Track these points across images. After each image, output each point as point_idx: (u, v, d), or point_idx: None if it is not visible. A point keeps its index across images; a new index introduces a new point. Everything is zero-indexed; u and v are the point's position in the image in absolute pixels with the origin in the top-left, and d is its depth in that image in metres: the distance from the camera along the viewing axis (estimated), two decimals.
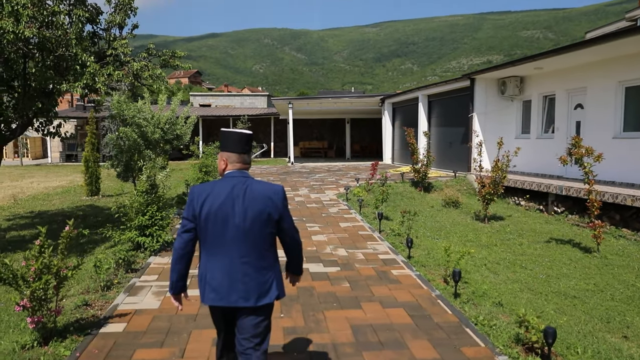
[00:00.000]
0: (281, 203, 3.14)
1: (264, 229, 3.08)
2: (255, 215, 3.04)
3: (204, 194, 3.08)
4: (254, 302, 3.06)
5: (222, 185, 3.10)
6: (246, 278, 3.05)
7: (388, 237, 9.12)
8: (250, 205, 3.05)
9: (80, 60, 8.42)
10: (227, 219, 3.02)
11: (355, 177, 17.75)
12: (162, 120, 12.31)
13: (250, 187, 3.10)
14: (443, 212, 12.36)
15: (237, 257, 3.04)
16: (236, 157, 3.18)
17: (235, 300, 3.04)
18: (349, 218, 10.84)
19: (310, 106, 25.88)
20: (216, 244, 3.06)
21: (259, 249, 3.08)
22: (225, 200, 3.04)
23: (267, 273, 3.12)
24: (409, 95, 21.85)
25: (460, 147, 17.35)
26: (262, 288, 3.09)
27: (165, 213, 8.20)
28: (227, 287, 3.04)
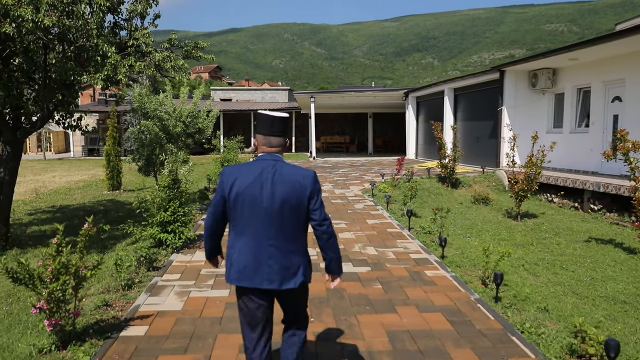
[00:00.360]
0: (311, 187, 3.09)
1: (292, 213, 3.05)
2: (283, 199, 3.02)
3: (233, 175, 3.09)
4: (277, 285, 3.05)
5: (252, 168, 3.10)
6: (271, 261, 3.04)
7: (418, 235, 8.74)
8: (278, 189, 3.02)
9: (101, 51, 8.15)
10: (255, 201, 3.02)
11: (380, 173, 17.37)
12: (184, 113, 12.06)
13: (279, 170, 3.07)
14: (473, 209, 11.93)
15: (264, 239, 3.03)
16: (262, 139, 3.17)
17: (259, 282, 3.04)
18: (376, 215, 10.47)
19: (333, 100, 25.50)
20: (244, 226, 3.06)
21: (286, 233, 3.06)
22: (254, 182, 3.04)
23: (294, 257, 3.09)
24: (434, 89, 21.36)
25: (488, 142, 16.85)
26: (287, 272, 3.07)
27: (188, 209, 7.93)
28: (253, 268, 3.04)
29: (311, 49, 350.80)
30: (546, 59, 13.41)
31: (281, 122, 3.19)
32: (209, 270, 6.60)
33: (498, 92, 15.51)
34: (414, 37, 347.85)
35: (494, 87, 16.09)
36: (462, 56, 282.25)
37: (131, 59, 8.54)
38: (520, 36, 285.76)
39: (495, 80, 15.79)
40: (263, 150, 3.17)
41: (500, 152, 15.53)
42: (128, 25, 9.12)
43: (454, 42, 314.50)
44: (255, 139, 3.26)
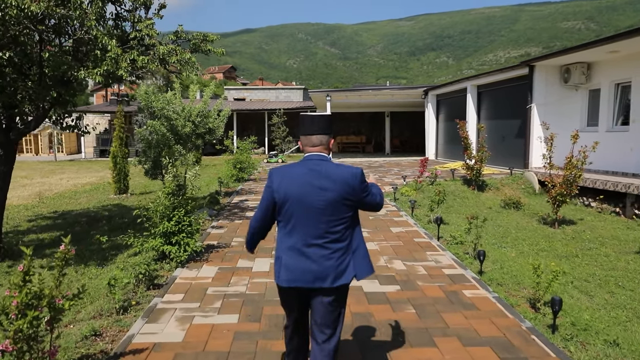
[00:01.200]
0: (359, 187, 3.10)
1: (340, 212, 3.06)
2: (331, 198, 3.03)
3: (280, 176, 3.14)
4: (330, 282, 3.04)
5: (299, 168, 3.13)
6: (322, 259, 3.04)
7: (449, 246, 7.89)
8: (327, 189, 3.03)
9: (100, 44, 7.42)
10: (303, 201, 3.04)
11: (400, 174, 16.50)
12: (193, 112, 11.30)
13: (326, 169, 3.08)
14: (504, 215, 11.04)
15: (312, 238, 3.05)
16: (305, 140, 3.21)
17: (311, 281, 3.04)
18: (400, 222, 9.63)
19: (349, 99, 24.67)
20: (292, 226, 3.08)
21: (335, 232, 3.06)
22: (301, 182, 3.06)
23: (343, 255, 3.09)
24: (455, 86, 20.43)
25: (515, 142, 15.92)
26: (338, 269, 3.06)
27: (195, 217, 7.15)
28: (303, 268, 3.04)
29: (325, 49, 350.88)
30: (581, 53, 12.47)
31: (321, 120, 3.21)
32: (216, 290, 5.82)
33: (527, 89, 14.57)
34: (428, 36, 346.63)
35: (522, 83, 15.15)
36: (477, 55, 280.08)
37: (133, 52, 7.82)
38: (536, 34, 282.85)
39: (524, 76, 14.86)
40: (307, 150, 3.20)
41: (529, 153, 14.60)
42: (131, 16, 8.37)
43: (469, 40, 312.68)
44: (299, 141, 3.28)
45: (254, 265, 6.81)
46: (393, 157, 25.93)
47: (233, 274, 6.41)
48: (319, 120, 3.21)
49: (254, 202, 11.99)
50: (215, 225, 9.40)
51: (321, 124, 3.21)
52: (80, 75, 7.30)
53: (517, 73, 15.39)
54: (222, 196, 12.91)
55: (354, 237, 3.18)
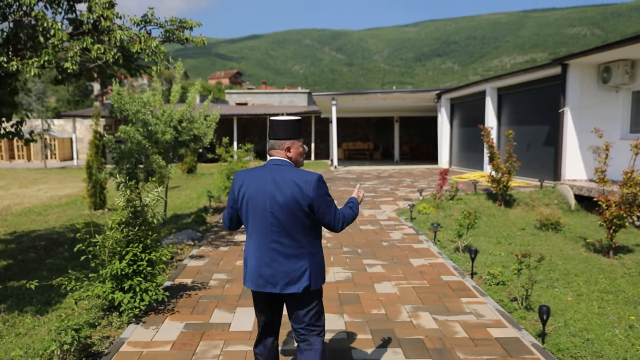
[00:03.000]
0: (313, 193, 3.01)
1: (294, 218, 3.03)
2: (283, 203, 3.01)
3: (241, 179, 3.17)
4: (280, 288, 3.05)
5: (258, 171, 3.15)
6: (274, 263, 3.05)
7: (488, 287, 6.14)
8: (279, 192, 3.02)
9: (41, 27, 5.76)
10: (258, 205, 3.06)
11: (414, 186, 14.75)
12: (175, 116, 9.61)
13: (282, 174, 3.07)
14: (541, 238, 9.30)
15: (267, 242, 3.06)
16: (269, 144, 3.21)
17: (262, 285, 3.07)
18: (421, 250, 7.89)
19: (356, 102, 22.93)
20: (251, 229, 3.12)
21: (290, 236, 3.05)
22: (258, 186, 3.08)
23: (298, 261, 3.07)
24: (473, 89, 18.68)
25: (542, 151, 14.16)
26: (291, 276, 3.05)
27: (158, 255, 5.43)
28: (257, 271, 3.08)
29: (331, 55, 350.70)
30: (626, 48, 10.71)
31: (282, 125, 3.17)
32: None
33: (559, 91, 12.82)
34: (434, 41, 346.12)
35: (552, 84, 13.41)
36: (483, 61, 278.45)
37: (87, 39, 6.12)
38: (541, 40, 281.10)
39: (555, 76, 13.11)
40: (270, 154, 3.20)
41: (561, 163, 12.83)
42: None
43: (474, 46, 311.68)
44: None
45: (234, 319, 5.09)
46: (403, 165, 24.16)
47: (203, 335, 4.69)
48: (280, 125, 3.18)
49: None
50: (194, 255, 7.68)
51: (279, 129, 3.17)
52: (12, 67, 5.61)
53: (546, 73, 13.64)
54: (211, 213, 11.20)
55: (312, 246, 3.13)
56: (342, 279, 6.39)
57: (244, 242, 8.44)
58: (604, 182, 8.14)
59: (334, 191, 14.28)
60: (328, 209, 3.09)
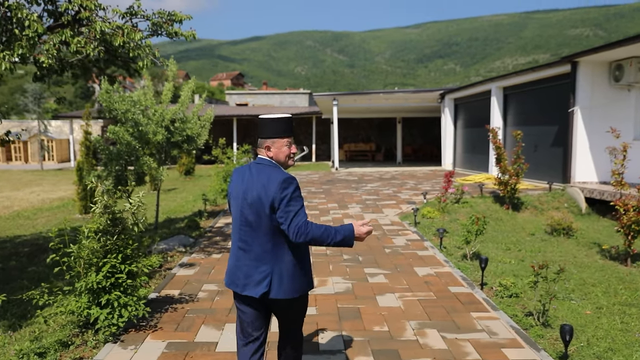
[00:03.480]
0: (275, 193, 2.86)
1: (259, 218, 2.92)
2: (251, 202, 2.95)
3: (233, 175, 3.15)
4: (240, 289, 2.98)
5: (242, 170, 3.12)
6: (239, 263, 3.02)
7: (500, 300, 5.66)
8: (249, 191, 2.96)
9: (15, 19, 5.30)
10: (235, 203, 3.06)
11: (417, 189, 14.26)
12: (166, 116, 9.14)
13: (257, 173, 3.00)
14: (552, 244, 8.82)
15: (236, 240, 3.06)
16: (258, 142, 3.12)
17: (228, 283, 3.07)
18: (427, 258, 7.40)
19: (358, 103, 22.46)
20: (232, 227, 3.11)
21: (257, 238, 2.95)
22: (237, 184, 3.06)
23: (261, 266, 2.95)
24: (477, 89, 18.19)
25: (550, 152, 13.67)
26: (250, 279, 2.95)
27: (140, 266, 4.96)
28: (230, 271, 3.08)
29: (333, 56, 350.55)
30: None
31: (266, 124, 3.06)
32: None
33: (569, 89, 12.33)
34: (435, 43, 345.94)
35: (561, 83, 12.93)
36: (485, 62, 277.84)
37: (66, 32, 5.66)
38: (543, 41, 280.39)
39: (564, 75, 12.63)
40: (259, 153, 3.11)
41: (570, 164, 12.34)
42: None
43: (476, 48, 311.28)
44: None
45: (221, 337, 4.62)
46: (405, 166, 23.65)
47: (186, 357, 4.22)
48: (262, 123, 3.07)
49: None
50: (185, 263, 7.21)
51: (264, 128, 3.07)
52: None
53: (555, 71, 13.16)
54: (206, 217, 10.73)
55: (278, 253, 2.95)
56: (342, 291, 5.91)
57: None
58: (621, 185, 7.65)
59: (333, 194, 13.80)
60: (285, 213, 2.84)
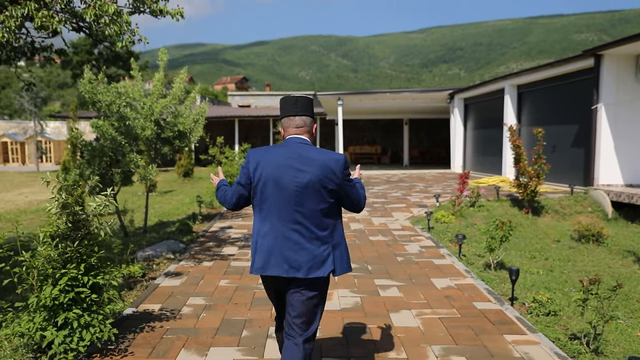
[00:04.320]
0: (340, 173, 2.87)
1: (318, 198, 2.85)
2: (308, 181, 2.82)
3: (257, 157, 2.93)
4: (304, 273, 2.84)
5: (278, 150, 2.94)
6: (297, 247, 2.85)
7: (536, 319, 4.80)
8: (305, 171, 2.83)
9: None
10: (279, 184, 2.84)
11: (429, 192, 13.41)
12: (156, 110, 8.32)
13: (307, 152, 2.89)
14: (582, 252, 7.97)
15: (288, 223, 2.85)
16: (287, 121, 3.01)
17: (286, 270, 2.85)
18: (445, 267, 6.54)
19: (363, 103, 21.62)
20: (268, 210, 2.89)
21: (313, 218, 2.85)
22: (279, 164, 2.86)
23: (322, 245, 2.88)
24: (489, 87, 17.34)
25: (571, 152, 12.81)
26: (315, 260, 2.86)
27: (107, 277, 4.13)
28: (277, 255, 2.86)
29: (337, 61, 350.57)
30: None
31: (305, 101, 3.03)
32: None
33: (591, 86, 11.48)
34: (440, 48, 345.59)
35: (583, 79, 12.08)
36: (490, 67, 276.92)
37: (30, 4, 4.87)
38: (548, 46, 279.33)
39: (587, 70, 11.79)
40: (289, 133, 3.00)
41: (593, 166, 11.48)
42: None
43: (480, 52, 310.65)
44: (281, 127, 3.09)
45: None
46: (413, 169, 22.79)
47: None
48: (303, 100, 3.02)
49: (238, 231, 8.98)
50: (171, 272, 6.37)
51: (305, 105, 3.02)
52: None
53: (575, 67, 12.31)
54: (200, 221, 9.90)
55: (335, 231, 2.96)
56: (349, 306, 5.06)
57: (232, 255, 7.18)
58: None
59: None
60: (354, 188, 3.00)
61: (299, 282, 2.88)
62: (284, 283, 2.94)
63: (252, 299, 5.30)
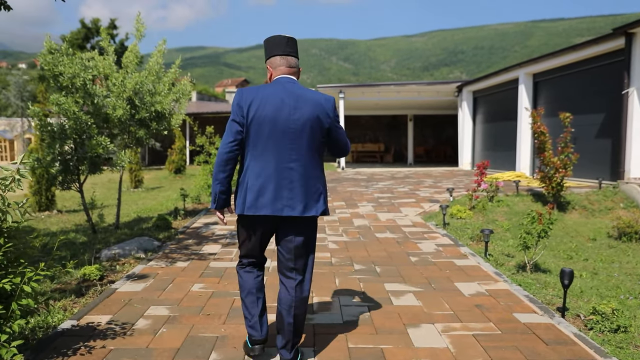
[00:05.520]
0: (332, 112, 2.94)
1: (314, 136, 2.87)
2: (306, 120, 2.83)
3: (251, 96, 2.87)
4: (300, 211, 2.83)
5: (270, 89, 2.89)
6: (293, 184, 2.83)
7: (602, 336, 3.63)
8: (300, 109, 2.83)
9: None
10: (276, 121, 2.81)
11: (439, 187, 12.24)
12: (128, 85, 7.16)
13: (300, 90, 2.89)
14: (625, 252, 6.80)
15: (284, 161, 2.83)
16: (280, 60, 2.98)
17: (280, 209, 2.82)
18: (469, 269, 5.36)
19: (366, 96, 20.46)
20: (263, 148, 2.84)
21: (307, 156, 2.87)
22: (274, 103, 2.83)
23: (315, 183, 2.91)
24: (501, 78, 16.18)
25: (596, 143, 11.67)
26: (310, 198, 2.87)
27: (15, 281, 2.96)
28: (272, 193, 2.81)
29: (339, 64, 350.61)
30: None
31: (294, 42, 3.03)
32: None
33: (622, 68, 10.34)
34: (441, 51, 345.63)
35: (611, 62, 10.95)
36: (491, 70, 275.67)
37: None
38: (549, 50, 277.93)
39: (616, 52, 10.64)
40: (282, 72, 2.97)
41: (624, 157, 10.32)
42: None
43: (482, 56, 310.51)
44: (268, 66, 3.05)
45: None
46: (418, 167, 21.61)
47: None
48: (293, 41, 3.01)
49: (225, 227, 7.80)
50: (135, 274, 5.20)
51: (295, 46, 3.02)
52: None
53: (602, 49, 11.16)
54: (182, 216, 8.72)
55: (322, 169, 3.00)
56: (354, 319, 3.90)
57: (214, 254, 6.01)
58: None
59: (339, 192, 11.80)
60: (342, 129, 3.04)
61: (293, 221, 2.88)
62: (273, 224, 2.92)
63: (230, 308, 4.15)
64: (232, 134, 2.85)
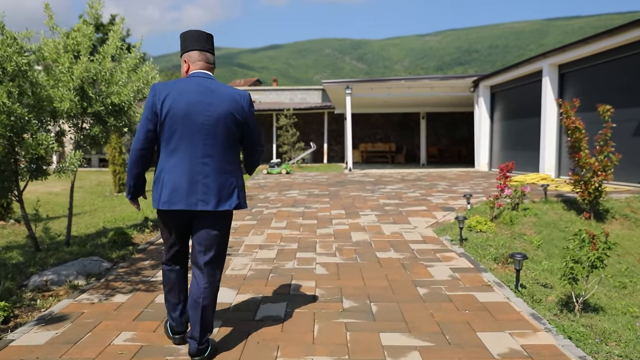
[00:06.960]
0: (247, 108, 2.99)
1: (227, 131, 2.91)
2: (220, 115, 2.88)
3: (165, 91, 2.88)
4: (213, 205, 2.88)
5: (185, 83, 2.92)
6: (207, 179, 2.88)
7: None
8: (214, 105, 2.88)
9: None
10: (188, 117, 2.84)
11: (455, 192, 10.87)
12: (76, 72, 5.89)
13: (215, 86, 2.94)
14: None
15: (198, 157, 2.87)
16: (197, 55, 3.02)
17: (194, 203, 2.86)
18: (495, 307, 3.99)
19: (375, 92, 19.05)
20: (176, 143, 2.87)
21: (221, 151, 2.91)
22: (188, 99, 2.86)
23: (229, 178, 2.96)
24: (522, 70, 14.73)
25: (633, 142, 10.22)
26: (223, 192, 2.92)
27: None
28: (186, 188, 2.85)
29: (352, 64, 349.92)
30: None
31: (212, 39, 3.09)
32: None
33: None
34: (455, 50, 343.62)
35: None
36: None
37: None
38: None
39: None
40: (199, 67, 3.02)
41: None
42: None
43: (496, 55, 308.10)
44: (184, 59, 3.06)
45: None
46: (431, 168, 20.20)
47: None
48: (212, 38, 3.08)
49: None
50: (52, 314, 3.93)
51: (213, 43, 3.08)
52: None
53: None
54: (150, 229, 7.43)
55: (238, 167, 3.04)
56: None
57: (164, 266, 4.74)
58: None
59: (341, 197, 10.46)
60: (257, 127, 3.09)
61: (206, 215, 2.92)
62: (188, 218, 2.96)
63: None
64: (145, 130, 2.87)
